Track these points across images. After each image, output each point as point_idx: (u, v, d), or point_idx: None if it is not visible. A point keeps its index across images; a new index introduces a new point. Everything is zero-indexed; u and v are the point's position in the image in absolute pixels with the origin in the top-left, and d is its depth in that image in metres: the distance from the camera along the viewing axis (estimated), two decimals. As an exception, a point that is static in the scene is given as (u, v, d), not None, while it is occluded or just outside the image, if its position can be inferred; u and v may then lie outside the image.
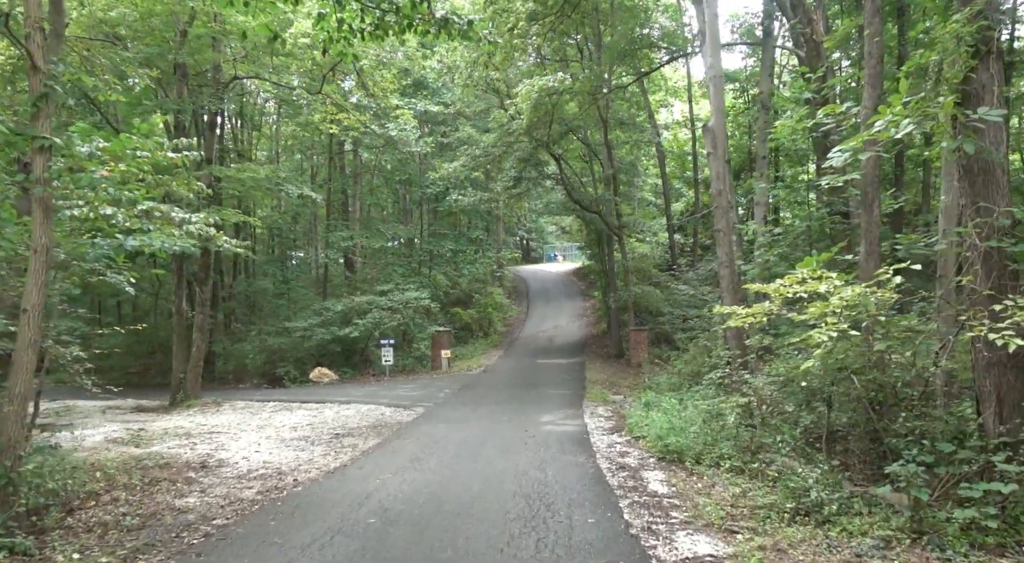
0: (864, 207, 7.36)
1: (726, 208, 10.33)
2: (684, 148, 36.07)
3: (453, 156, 24.81)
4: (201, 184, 10.16)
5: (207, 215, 17.85)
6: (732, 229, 10.50)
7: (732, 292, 10.24)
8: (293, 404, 18.34)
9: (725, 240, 10.25)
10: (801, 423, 7.48)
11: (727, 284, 10.22)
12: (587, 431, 12.54)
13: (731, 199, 10.44)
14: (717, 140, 10.20)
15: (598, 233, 28.14)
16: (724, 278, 10.24)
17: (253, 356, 24.46)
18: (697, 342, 17.43)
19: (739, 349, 10.04)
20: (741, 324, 7.10)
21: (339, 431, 13.53)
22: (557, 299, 40.48)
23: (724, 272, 10.25)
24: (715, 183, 10.29)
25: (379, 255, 31.59)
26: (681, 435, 9.17)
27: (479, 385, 20.32)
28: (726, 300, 10.23)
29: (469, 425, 13.46)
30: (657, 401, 12.96)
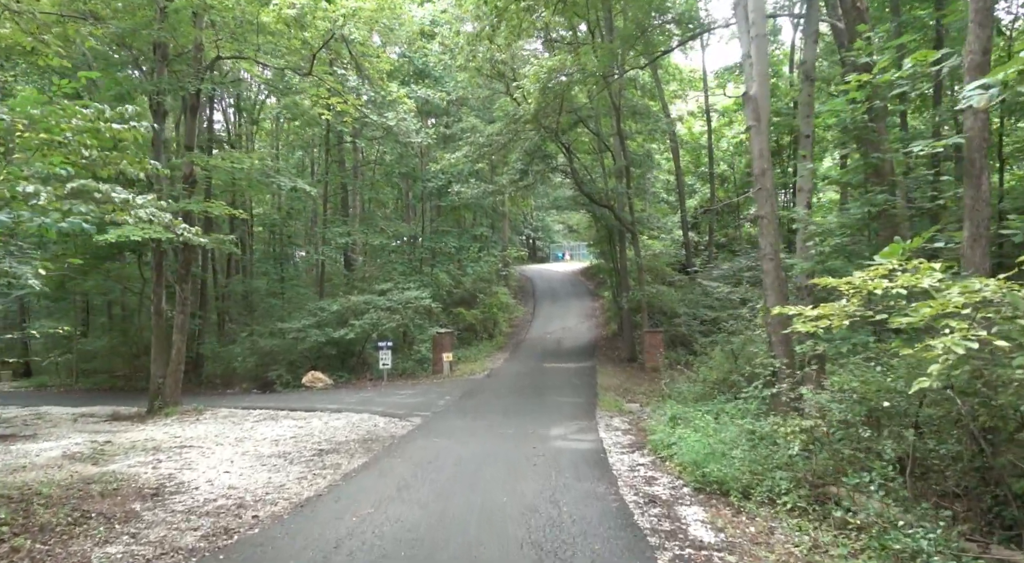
0: (969, 180, 5.83)
1: (770, 191, 8.79)
2: (699, 140, 34.47)
3: (456, 148, 23.30)
4: (156, 164, 8.65)
5: (184, 204, 16.52)
6: (777, 216, 8.93)
7: (777, 289, 8.70)
8: (280, 412, 16.88)
9: (769, 229, 8.71)
10: (884, 454, 5.93)
11: (772, 280, 8.67)
12: (603, 448, 11.01)
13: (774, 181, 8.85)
14: (760, 111, 8.67)
15: (609, 229, 26.58)
16: (768, 273, 8.70)
17: (243, 359, 23.00)
18: (722, 346, 15.87)
19: (787, 357, 8.49)
20: (811, 328, 5.56)
21: (324, 446, 12.03)
22: (565, 299, 38.95)
23: (768, 266, 8.70)
24: (757, 162, 8.75)
25: (379, 253, 30.10)
26: (723, 462, 7.62)
27: (482, 391, 18.80)
28: (770, 298, 8.69)
29: (469, 439, 11.95)
30: (684, 415, 11.41)
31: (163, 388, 17.23)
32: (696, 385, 14.43)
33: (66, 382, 27.14)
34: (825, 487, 6.61)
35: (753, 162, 8.85)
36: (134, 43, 17.52)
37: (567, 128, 23.74)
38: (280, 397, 20.39)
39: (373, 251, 30.28)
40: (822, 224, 8.63)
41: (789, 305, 8.73)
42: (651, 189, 30.05)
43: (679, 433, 10.16)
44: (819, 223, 8.75)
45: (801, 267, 9.20)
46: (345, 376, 23.58)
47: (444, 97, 24.37)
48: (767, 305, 8.74)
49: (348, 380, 23.28)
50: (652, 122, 25.63)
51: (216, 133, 30.88)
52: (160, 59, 17.31)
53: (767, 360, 8.66)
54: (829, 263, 8.67)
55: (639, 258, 23.65)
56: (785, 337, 8.63)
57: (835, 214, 8.67)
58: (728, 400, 12.75)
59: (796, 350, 8.55)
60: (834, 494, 6.49)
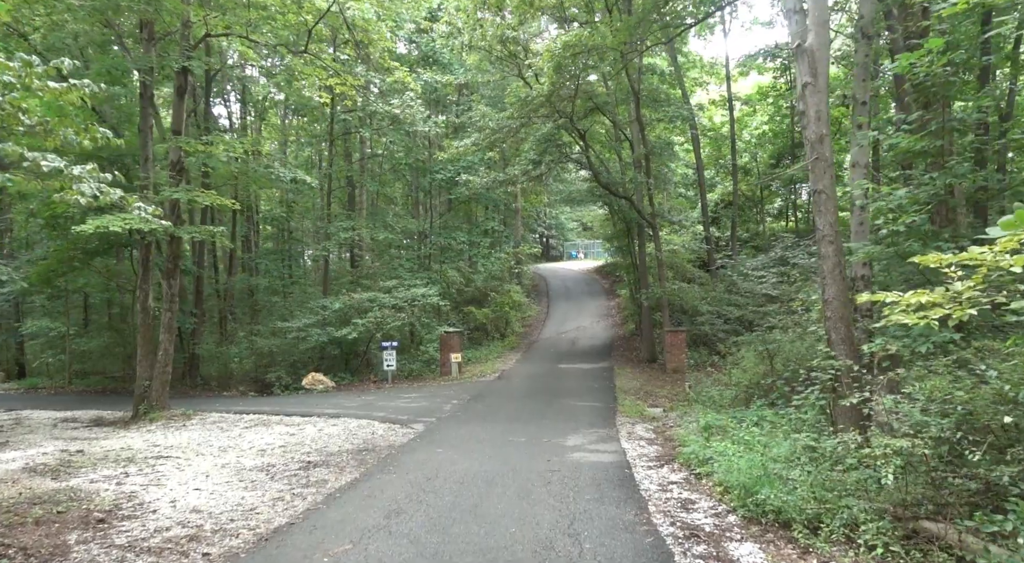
0: None
1: (828, 161, 7.36)
2: (720, 130, 32.96)
3: (466, 136, 21.93)
4: (105, 131, 7.39)
5: (171, 193, 15.31)
6: (836, 191, 7.51)
7: (838, 277, 7.29)
8: (274, 418, 15.64)
9: (828, 206, 7.30)
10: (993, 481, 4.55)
11: (831, 266, 7.26)
12: (627, 462, 9.65)
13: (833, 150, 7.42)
14: (818, 65, 7.27)
15: (627, 223, 25.17)
16: (827, 258, 7.29)
17: (240, 360, 21.81)
18: (755, 346, 14.46)
19: (851, 358, 7.08)
20: (916, 319, 4.18)
21: (313, 458, 10.75)
22: (579, 298, 37.54)
23: (827, 249, 7.29)
24: (813, 126, 7.34)
25: (385, 249, 28.83)
26: (779, 486, 6.23)
27: (492, 394, 17.47)
28: (829, 288, 7.29)
29: (475, 450, 10.62)
30: (719, 424, 10.02)
31: (149, 391, 16.05)
32: (727, 389, 13.01)
33: (59, 384, 26.10)
34: (917, 521, 5.22)
35: (807, 127, 7.45)
36: (119, 21, 16.34)
37: (583, 115, 22.37)
38: (277, 400, 19.17)
39: (379, 247, 29.02)
40: (891, 200, 7.23)
41: (853, 293, 7.33)
42: (673, 179, 28.54)
43: (716, 446, 8.78)
44: (887, 198, 7.34)
45: (866, 251, 7.79)
46: (347, 378, 22.33)
47: (451, 81, 23.04)
48: (826, 296, 7.34)
49: (351, 382, 22.04)
50: (672, 109, 24.18)
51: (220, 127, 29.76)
52: (147, 38, 16.14)
53: (825, 362, 7.25)
54: (906, 245, 7.26)
55: (659, 253, 22.22)
56: (848, 334, 7.23)
57: (905, 189, 7.24)
58: (765, 406, 11.36)
59: (864, 349, 7.13)
60: (929, 532, 5.10)
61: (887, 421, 5.77)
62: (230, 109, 33.21)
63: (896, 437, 5.18)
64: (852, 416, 7.03)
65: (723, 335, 22.34)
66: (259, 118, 34.90)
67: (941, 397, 5.43)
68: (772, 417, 10.27)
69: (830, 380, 7.15)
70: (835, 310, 7.22)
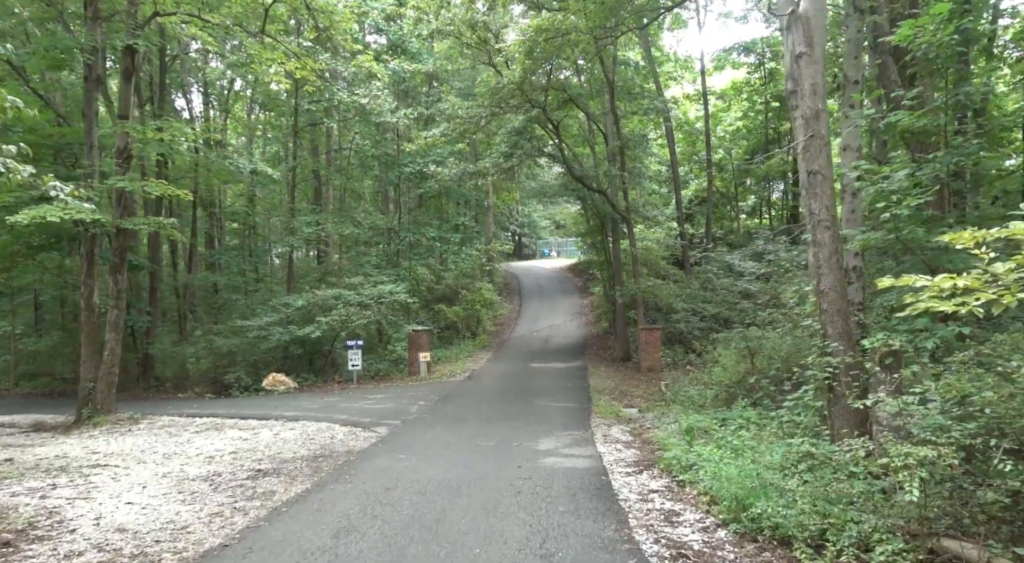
0: None
1: (824, 139, 6.74)
2: (695, 125, 32.52)
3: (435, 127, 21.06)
4: (15, 100, 6.48)
5: (115, 181, 14.28)
6: (832, 172, 6.88)
7: (835, 266, 6.66)
8: (229, 421, 14.70)
9: (824, 188, 6.67)
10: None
11: (828, 254, 6.63)
12: (604, 467, 8.96)
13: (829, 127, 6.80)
14: (813, 33, 6.63)
15: (601, 218, 24.55)
16: (823, 246, 6.66)
17: (196, 360, 20.73)
18: (735, 343, 13.90)
19: (850, 353, 6.46)
20: (953, 306, 3.53)
21: (264, 466, 9.90)
22: (552, 296, 36.90)
23: (822, 236, 6.66)
24: (808, 100, 6.70)
25: (352, 244, 27.86)
26: (775, 497, 5.57)
27: (462, 395, 16.71)
28: (825, 277, 6.66)
29: (441, 456, 9.86)
30: (701, 426, 9.38)
31: (94, 394, 14.99)
32: (708, 388, 12.41)
33: (3, 387, 24.70)
34: (936, 540, 4.59)
35: (801, 101, 6.81)
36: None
37: (556, 106, 21.69)
38: (235, 403, 18.17)
39: (346, 243, 28.06)
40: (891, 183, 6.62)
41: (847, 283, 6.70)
42: (647, 174, 27.97)
43: (700, 450, 8.13)
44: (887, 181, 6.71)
45: (864, 238, 7.18)
46: (311, 379, 21.37)
47: (419, 69, 22.16)
48: (821, 287, 6.71)
49: (314, 383, 21.09)
50: (647, 102, 23.60)
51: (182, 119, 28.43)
52: (91, 17, 15.07)
53: (821, 359, 6.62)
54: (906, 232, 6.66)
55: (634, 249, 21.62)
56: (846, 328, 6.61)
57: (906, 170, 6.65)
58: (748, 406, 10.77)
59: (864, 344, 6.50)
60: (951, 552, 4.47)
61: (899, 425, 5.14)
62: (189, 100, 31.92)
63: (914, 443, 4.54)
64: (851, 418, 6.41)
65: (699, 333, 21.84)
66: (223, 111, 33.67)
67: (958, 397, 4.81)
68: (756, 418, 9.66)
69: (826, 379, 6.53)
70: (832, 302, 6.60)
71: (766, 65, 31.63)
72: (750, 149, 32.35)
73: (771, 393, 9.62)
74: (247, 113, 36.76)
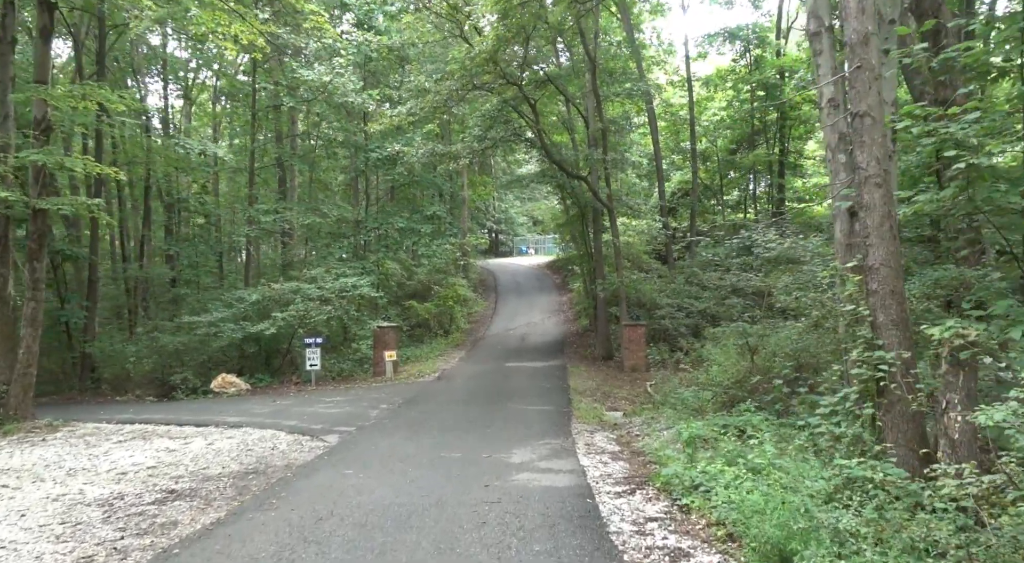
0: None
1: (875, 69, 5.29)
2: (678, 113, 31.17)
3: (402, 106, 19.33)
4: None
5: (28, 155, 12.49)
6: (884, 112, 5.43)
7: (887, 234, 5.21)
8: (163, 428, 12.98)
9: (873, 134, 5.23)
10: None
11: (879, 218, 5.19)
12: (589, 486, 7.46)
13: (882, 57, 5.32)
14: (862, -65, 5.19)
15: (582, 208, 23.05)
16: (872, 208, 5.21)
17: (137, 360, 18.87)
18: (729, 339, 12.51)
19: (904, 347, 5.01)
20: None
21: (182, 485, 8.25)
22: (529, 293, 35.40)
23: (873, 196, 5.21)
24: (854, 21, 5.25)
25: (314, 235, 26.07)
26: (830, 543, 4.07)
27: (429, 398, 15.12)
28: (875, 248, 5.23)
29: (395, 472, 8.30)
30: (703, 435, 7.90)
31: (7, 398, 13.15)
32: (704, 390, 10.95)
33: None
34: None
35: (846, 23, 5.35)
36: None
37: (533, 87, 20.14)
38: (177, 407, 16.39)
39: (309, 234, 26.27)
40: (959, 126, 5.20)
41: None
42: (631, 159, 26.51)
43: (706, 467, 6.64)
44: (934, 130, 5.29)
45: (932, 197, 5.71)
46: (266, 380, 19.61)
47: (384, 41, 20.45)
48: (869, 261, 5.25)
49: (269, 384, 19.34)
50: (629, 85, 22.14)
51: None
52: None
53: (866, 355, 5.15)
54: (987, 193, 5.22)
55: (617, 240, 20.16)
56: (902, 315, 5.16)
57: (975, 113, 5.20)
58: (754, 411, 9.33)
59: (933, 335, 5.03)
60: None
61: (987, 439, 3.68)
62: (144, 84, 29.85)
63: None
64: (910, 430, 4.95)
65: (685, 330, 20.49)
66: (185, 98, 31.65)
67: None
68: (766, 425, 8.21)
69: (879, 379, 5.05)
70: (884, 281, 5.16)
71: (751, 52, 30.44)
72: (736, 139, 31.12)
73: (784, 396, 8.18)
74: (212, 103, 34.78)
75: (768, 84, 28.68)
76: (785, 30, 30.01)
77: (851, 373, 5.46)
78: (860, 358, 5.24)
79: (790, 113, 29.45)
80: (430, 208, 25.59)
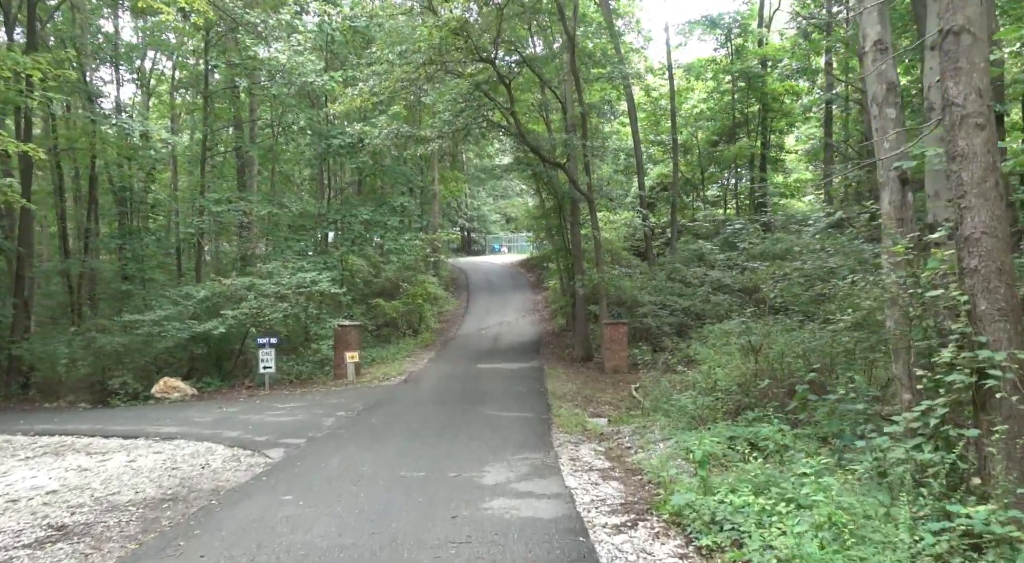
0: None
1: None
2: (658, 103, 30.03)
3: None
4: None
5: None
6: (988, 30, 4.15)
7: (991, 191, 3.95)
8: (83, 441, 11.37)
9: (974, 57, 3.95)
10: None
11: (980, 171, 3.93)
12: (580, 517, 6.11)
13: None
14: None
15: (559, 199, 21.69)
16: (969, 157, 3.95)
17: (70, 362, 17.06)
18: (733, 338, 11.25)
19: (1017, 343, 3.73)
20: None
21: (74, 519, 6.73)
22: (503, 292, 33.97)
23: (970, 141, 3.95)
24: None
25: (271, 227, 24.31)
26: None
27: (393, 403, 13.64)
28: (974, 211, 3.97)
29: (344, 497, 6.86)
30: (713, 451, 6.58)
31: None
32: (703, 396, 9.64)
33: None
34: None
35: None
36: None
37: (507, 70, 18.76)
38: (110, 415, 14.67)
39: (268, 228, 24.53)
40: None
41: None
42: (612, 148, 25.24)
43: (729, 496, 5.30)
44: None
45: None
46: (215, 384, 17.93)
47: (345, 13, 18.88)
48: (964, 230, 3.97)
49: (219, 389, 17.67)
50: (609, 69, 20.85)
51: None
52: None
53: (962, 357, 3.85)
54: None
55: (597, 232, 18.84)
56: (1012, 300, 3.87)
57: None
58: (767, 417, 8.05)
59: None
60: None
61: None
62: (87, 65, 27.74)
63: None
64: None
65: (669, 328, 19.28)
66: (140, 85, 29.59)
67: None
68: (785, 438, 6.91)
69: (976, 387, 3.76)
70: (988, 255, 3.89)
71: (733, 41, 29.44)
72: (718, 131, 30.07)
73: (807, 404, 6.90)
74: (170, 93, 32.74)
75: (750, 74, 27.67)
76: (768, 18, 29.06)
77: (922, 378, 4.14)
78: (954, 359, 3.95)
79: (773, 105, 28.51)
80: (397, 199, 23.97)
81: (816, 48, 22.21)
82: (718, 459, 6.79)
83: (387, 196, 26.82)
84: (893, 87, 5.51)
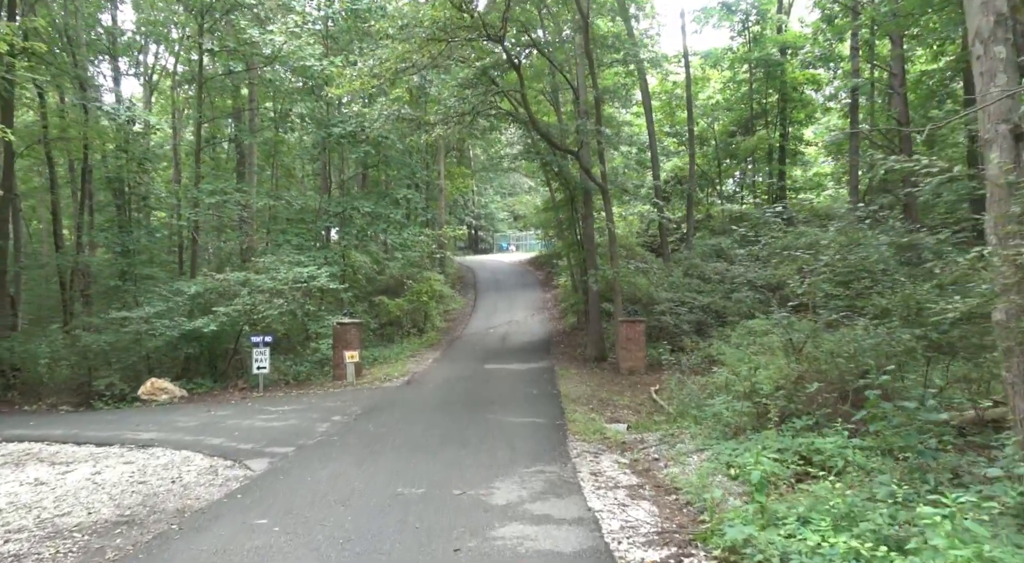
0: None
1: None
2: (673, 92, 28.86)
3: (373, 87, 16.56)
4: None
5: None
6: None
7: None
8: (52, 448, 10.36)
9: None
10: None
11: None
12: (610, 550, 5.05)
13: None
14: None
15: (571, 191, 20.56)
16: None
17: (52, 362, 16.08)
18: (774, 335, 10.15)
19: None
20: None
21: (8, 547, 5.67)
22: (511, 290, 32.88)
23: None
24: None
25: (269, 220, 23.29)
26: None
27: (393, 407, 12.57)
28: None
29: (328, 520, 5.81)
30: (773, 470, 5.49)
31: None
32: (739, 401, 8.50)
33: None
34: None
35: None
36: None
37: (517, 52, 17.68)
38: (91, 419, 13.65)
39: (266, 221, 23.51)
40: None
41: None
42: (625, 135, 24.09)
43: (799, 530, 4.20)
44: None
45: None
46: (206, 385, 16.91)
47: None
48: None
49: (210, 390, 16.65)
50: (623, 53, 19.72)
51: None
52: None
53: None
54: None
55: (611, 224, 17.73)
56: None
57: None
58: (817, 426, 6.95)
59: None
60: None
61: None
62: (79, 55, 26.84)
63: None
64: None
65: (688, 327, 18.13)
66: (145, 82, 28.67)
67: None
68: (862, 459, 5.79)
69: None
70: None
71: (750, 28, 28.25)
72: (735, 121, 28.88)
73: (879, 414, 5.78)
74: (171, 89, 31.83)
75: (769, 62, 26.49)
76: (787, 4, 27.87)
77: None
78: None
79: (792, 95, 27.33)
80: (398, 191, 22.89)
81: (840, 31, 20.96)
82: (769, 476, 5.68)
83: (391, 189, 25.81)
84: (1003, 19, 4.42)
